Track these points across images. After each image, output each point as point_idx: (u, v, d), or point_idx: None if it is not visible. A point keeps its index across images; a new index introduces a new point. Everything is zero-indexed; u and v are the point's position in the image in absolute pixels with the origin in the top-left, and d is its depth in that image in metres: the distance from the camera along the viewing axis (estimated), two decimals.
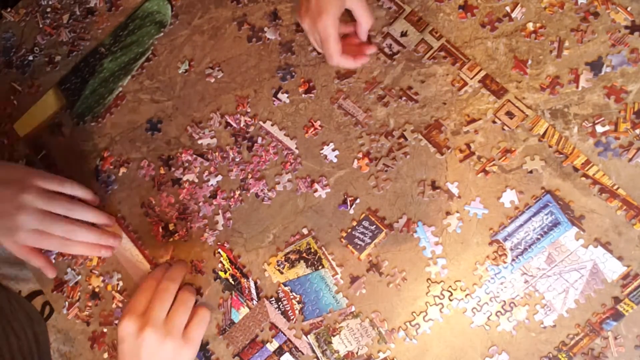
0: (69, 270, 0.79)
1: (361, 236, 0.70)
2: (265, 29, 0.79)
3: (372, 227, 0.70)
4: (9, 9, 0.89)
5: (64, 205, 0.71)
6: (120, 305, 0.76)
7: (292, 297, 0.71)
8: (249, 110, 0.77)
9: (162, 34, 0.83)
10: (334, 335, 0.68)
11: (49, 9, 0.89)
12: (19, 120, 0.87)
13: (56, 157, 0.84)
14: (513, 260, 0.65)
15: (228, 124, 0.78)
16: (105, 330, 0.76)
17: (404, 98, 0.72)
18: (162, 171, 0.79)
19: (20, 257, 0.72)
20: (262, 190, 0.74)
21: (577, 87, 0.67)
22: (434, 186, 0.69)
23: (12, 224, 0.67)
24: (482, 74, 0.70)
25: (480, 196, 0.67)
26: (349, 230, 0.70)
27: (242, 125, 0.77)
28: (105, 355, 0.76)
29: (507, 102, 0.68)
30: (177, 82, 0.81)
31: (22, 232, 0.68)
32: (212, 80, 0.80)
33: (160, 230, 0.77)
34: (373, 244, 0.69)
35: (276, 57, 0.78)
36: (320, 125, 0.74)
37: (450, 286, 0.66)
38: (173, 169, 0.78)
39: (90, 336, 0.77)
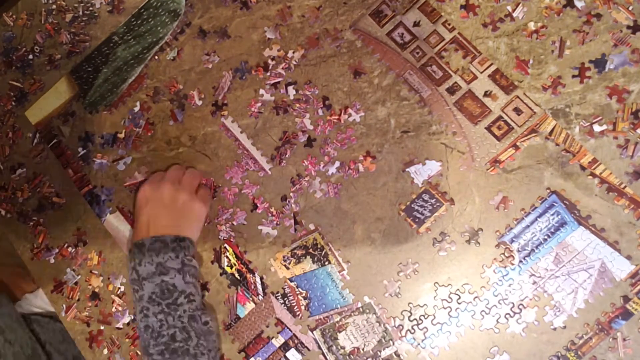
0: (68, 270, 0.79)
1: (420, 209, 0.69)
2: (266, 28, 0.79)
3: (432, 201, 0.68)
4: (10, 14, 0.89)
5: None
6: (119, 308, 0.76)
7: (298, 292, 0.70)
8: (273, 53, 0.77)
9: (176, 23, 0.82)
10: (340, 331, 0.68)
11: (54, 6, 0.88)
12: (30, 108, 0.86)
13: (68, 146, 0.83)
14: (520, 261, 0.65)
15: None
16: (102, 327, 0.76)
17: (405, 101, 0.72)
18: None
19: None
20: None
21: (582, 81, 0.66)
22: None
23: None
24: (493, 68, 0.70)
25: (480, 196, 0.67)
26: (408, 203, 0.69)
27: (279, 71, 0.76)
28: (105, 351, 0.75)
29: (516, 97, 0.68)
30: (177, 82, 0.81)
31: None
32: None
33: None
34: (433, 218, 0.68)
35: None
36: None
37: (458, 289, 0.66)
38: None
39: (88, 337, 0.77)
